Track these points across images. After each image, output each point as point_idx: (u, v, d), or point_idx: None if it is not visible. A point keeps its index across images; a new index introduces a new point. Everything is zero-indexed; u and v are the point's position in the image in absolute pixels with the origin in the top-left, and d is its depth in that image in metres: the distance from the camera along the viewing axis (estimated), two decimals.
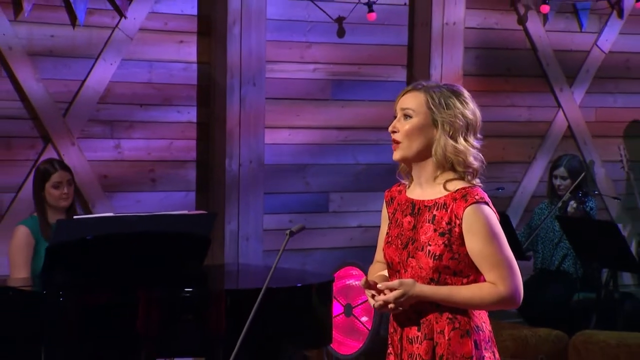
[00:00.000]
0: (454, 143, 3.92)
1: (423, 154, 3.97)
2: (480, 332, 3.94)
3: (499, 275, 3.86)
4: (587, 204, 8.46)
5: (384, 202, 4.25)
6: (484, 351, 3.93)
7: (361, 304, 7.54)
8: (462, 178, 3.97)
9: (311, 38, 8.43)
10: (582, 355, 7.07)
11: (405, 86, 8.55)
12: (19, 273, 6.65)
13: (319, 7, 8.37)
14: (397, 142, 3.99)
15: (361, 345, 7.48)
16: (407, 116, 4.00)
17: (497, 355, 4.02)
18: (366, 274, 7.34)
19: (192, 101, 8.08)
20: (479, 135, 4.03)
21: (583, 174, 8.41)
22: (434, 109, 3.96)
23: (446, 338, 3.91)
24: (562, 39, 9.40)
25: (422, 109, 3.98)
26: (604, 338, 7.15)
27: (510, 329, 6.94)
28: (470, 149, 3.94)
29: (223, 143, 8.00)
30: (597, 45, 9.50)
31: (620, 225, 8.52)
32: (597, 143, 9.48)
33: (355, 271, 7.59)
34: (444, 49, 8.75)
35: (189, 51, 8.06)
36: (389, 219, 4.17)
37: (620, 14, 9.53)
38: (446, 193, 3.95)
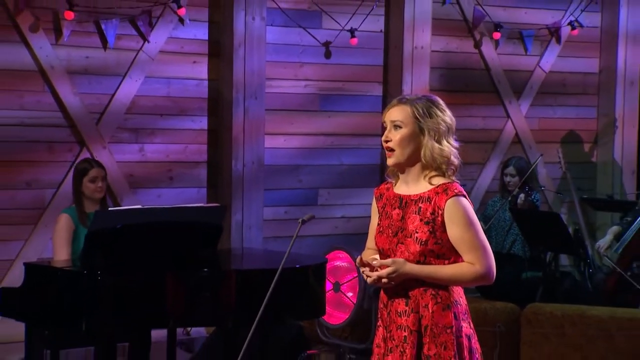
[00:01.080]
0: (439, 146, 3.98)
1: (413, 158, 4.02)
2: (459, 305, 4.00)
3: (475, 256, 3.92)
4: (533, 197, 8.56)
5: (374, 198, 4.24)
6: (461, 321, 3.99)
7: (347, 281, 7.48)
8: (443, 175, 4.01)
9: (303, 59, 8.46)
10: (532, 324, 7.06)
11: (380, 100, 8.75)
12: (62, 254, 6.65)
13: (309, 33, 8.41)
14: (392, 150, 4.02)
15: (347, 316, 7.44)
16: (397, 127, 4.02)
17: (471, 325, 4.07)
18: (353, 258, 7.44)
19: (203, 112, 8.10)
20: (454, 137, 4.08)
21: (529, 171, 8.51)
22: (419, 119, 3.98)
23: (430, 311, 3.94)
24: (511, 61, 9.44)
25: (409, 119, 3.99)
26: (550, 309, 7.16)
27: (472, 303, 6.98)
28: (453, 149, 4.02)
29: (229, 147, 8.04)
30: (539, 66, 9.55)
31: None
32: (540, 147, 9.47)
33: (342, 254, 7.57)
34: (413, 69, 8.77)
35: (201, 70, 8.08)
36: (379, 212, 4.16)
37: (558, 40, 9.60)
38: (430, 187, 3.98)
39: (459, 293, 4.03)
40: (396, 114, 4.04)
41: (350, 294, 7.53)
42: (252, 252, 7.75)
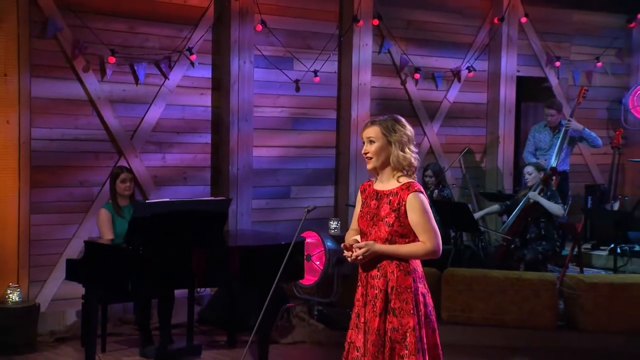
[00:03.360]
0: (403, 153, 3.98)
1: (385, 163, 4.01)
2: (416, 272, 4.00)
3: (427, 237, 3.92)
4: (444, 192, 8.68)
5: (359, 192, 4.20)
6: (418, 284, 3.99)
7: (316, 254, 7.56)
8: (407, 175, 4.01)
9: (279, 92, 8.41)
10: (449, 283, 7.20)
11: (335, 122, 8.81)
12: (107, 236, 6.65)
13: (284, 73, 8.37)
14: (370, 158, 4.02)
15: (316, 279, 7.51)
16: (371, 142, 4.00)
17: (426, 286, 4.06)
18: (320, 236, 7.43)
19: (208, 130, 8.05)
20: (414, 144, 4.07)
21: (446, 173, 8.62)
22: (387, 134, 3.98)
23: (395, 276, 3.95)
24: (426, 94, 9.40)
25: (380, 135, 3.98)
26: (462, 272, 7.33)
27: None
28: (413, 154, 4.03)
29: (227, 156, 8.00)
30: (446, 98, 9.53)
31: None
32: (446, 156, 9.49)
33: (312, 234, 7.60)
34: (358, 100, 8.76)
35: (206, 99, 8.03)
36: (362, 202, 4.12)
37: (459, 80, 9.57)
38: (397, 185, 3.98)
39: (416, 263, 4.03)
40: (370, 132, 4.03)
41: (318, 263, 7.57)
42: (246, 232, 7.70)
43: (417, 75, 9.29)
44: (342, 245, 4.12)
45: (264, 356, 6.17)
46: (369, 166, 4.07)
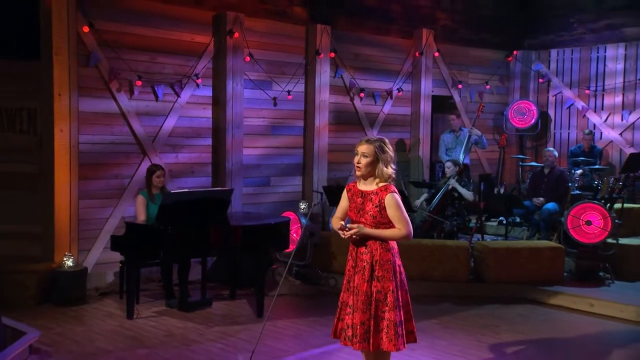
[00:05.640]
0: (386, 169, 3.95)
1: (370, 173, 3.97)
2: (394, 249, 3.99)
3: (402, 225, 3.90)
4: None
5: (345, 190, 4.11)
6: (395, 258, 3.99)
7: (294, 228, 7.55)
8: (385, 181, 3.97)
9: (262, 106, 8.32)
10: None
11: (302, 129, 8.76)
12: (141, 218, 6.54)
13: (266, 93, 8.28)
14: (359, 168, 3.97)
15: (294, 247, 7.42)
16: (364, 156, 3.94)
17: (400, 260, 4.02)
18: (297, 215, 7.36)
19: (209, 135, 7.92)
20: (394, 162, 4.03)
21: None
22: (377, 152, 3.93)
23: (378, 252, 3.94)
24: (368, 108, 9.38)
25: (372, 152, 3.93)
26: (402, 242, 7.38)
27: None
28: (393, 170, 3.99)
29: (224, 155, 7.89)
30: (382, 111, 9.52)
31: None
32: None
33: (291, 214, 7.62)
34: (320, 112, 8.71)
35: (208, 112, 7.90)
36: (349, 199, 4.05)
37: (392, 97, 9.58)
38: (377, 188, 3.95)
39: (394, 243, 4.01)
40: (364, 149, 3.96)
41: (294, 235, 7.59)
42: (241, 214, 7.54)
43: (361, 94, 9.29)
44: (336, 226, 3.99)
45: (261, 302, 6.22)
46: (358, 173, 3.99)
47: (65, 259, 6.63)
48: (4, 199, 6.85)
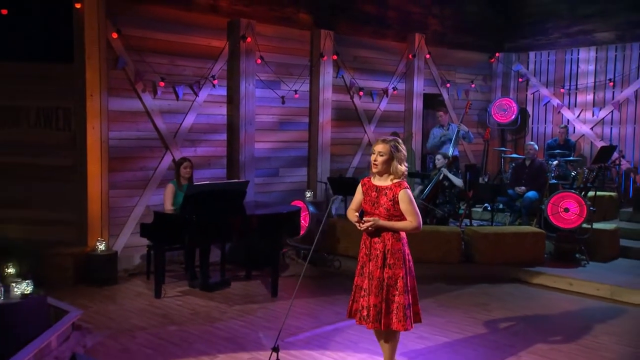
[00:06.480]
0: (400, 166, 3.93)
1: (386, 170, 3.94)
2: (404, 239, 3.97)
3: (413, 218, 3.86)
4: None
5: (360, 184, 4.06)
6: (405, 247, 3.97)
7: (303, 215, 7.51)
8: (399, 178, 3.94)
9: (272, 104, 8.29)
10: None
11: (307, 124, 8.74)
12: (168, 206, 6.53)
13: (275, 92, 8.26)
14: (377, 166, 3.95)
15: (303, 232, 7.53)
16: (381, 154, 3.92)
17: (409, 249, 4.01)
18: (305, 203, 7.34)
19: (224, 131, 7.89)
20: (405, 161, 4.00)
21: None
22: (392, 151, 3.91)
23: (390, 242, 3.91)
24: (367, 105, 9.36)
25: (388, 151, 3.91)
26: None
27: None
28: (405, 168, 3.96)
29: (238, 148, 7.88)
30: (379, 108, 9.50)
31: None
32: None
33: (300, 202, 7.64)
34: (323, 109, 8.71)
35: (223, 110, 7.87)
36: (363, 193, 4.03)
37: (387, 95, 9.57)
38: (391, 183, 3.92)
39: (404, 234, 3.98)
40: (381, 148, 3.94)
41: (303, 222, 7.60)
42: (252, 203, 7.45)
43: (361, 93, 9.27)
44: (353, 219, 3.98)
45: (275, 283, 6.22)
46: (375, 170, 3.97)
47: (97, 243, 6.63)
48: (43, 189, 6.84)
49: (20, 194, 6.86)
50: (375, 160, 3.97)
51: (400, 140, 4.02)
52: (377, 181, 4.04)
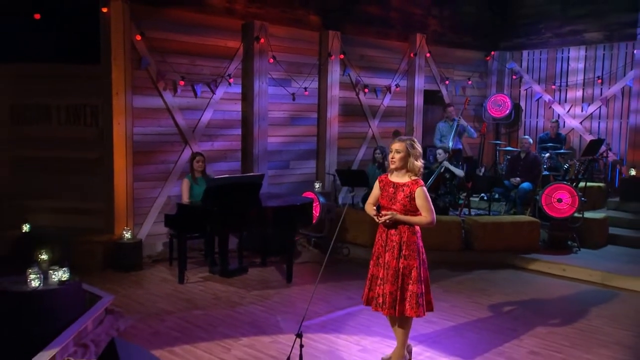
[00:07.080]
0: (416, 162, 3.91)
1: (402, 167, 3.92)
2: (418, 233, 3.95)
3: (428, 213, 3.84)
4: (387, 164, 8.64)
5: (377, 181, 4.04)
6: (419, 240, 3.95)
7: (314, 206, 7.56)
8: (415, 175, 3.92)
9: (283, 101, 8.26)
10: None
11: (316, 120, 8.72)
12: (186, 199, 6.53)
13: (286, 89, 8.23)
14: (394, 162, 3.93)
15: (314, 221, 7.52)
16: (398, 152, 3.90)
17: (422, 241, 3.98)
18: (315, 194, 7.28)
19: (239, 126, 7.87)
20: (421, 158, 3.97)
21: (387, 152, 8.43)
22: (409, 149, 3.89)
23: (406, 235, 3.90)
24: (371, 101, 9.34)
25: (404, 149, 3.89)
26: None
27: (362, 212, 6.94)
28: (421, 164, 3.94)
29: (252, 142, 7.87)
30: (383, 104, 9.45)
31: None
32: (383, 140, 9.34)
33: (311, 194, 7.63)
34: (332, 105, 8.69)
35: (238, 107, 7.84)
36: (380, 189, 4.00)
37: (390, 92, 9.51)
38: (409, 180, 3.90)
39: (418, 227, 3.96)
40: (398, 146, 3.92)
41: (315, 213, 7.59)
42: (265, 194, 7.43)
43: (366, 90, 9.25)
44: (371, 213, 3.97)
45: (290, 270, 6.23)
46: (393, 167, 3.95)
47: (124, 232, 6.64)
48: (72, 181, 6.86)
49: (52, 185, 6.88)
50: (392, 158, 3.96)
51: (415, 140, 4.01)
52: (395, 178, 4.02)
